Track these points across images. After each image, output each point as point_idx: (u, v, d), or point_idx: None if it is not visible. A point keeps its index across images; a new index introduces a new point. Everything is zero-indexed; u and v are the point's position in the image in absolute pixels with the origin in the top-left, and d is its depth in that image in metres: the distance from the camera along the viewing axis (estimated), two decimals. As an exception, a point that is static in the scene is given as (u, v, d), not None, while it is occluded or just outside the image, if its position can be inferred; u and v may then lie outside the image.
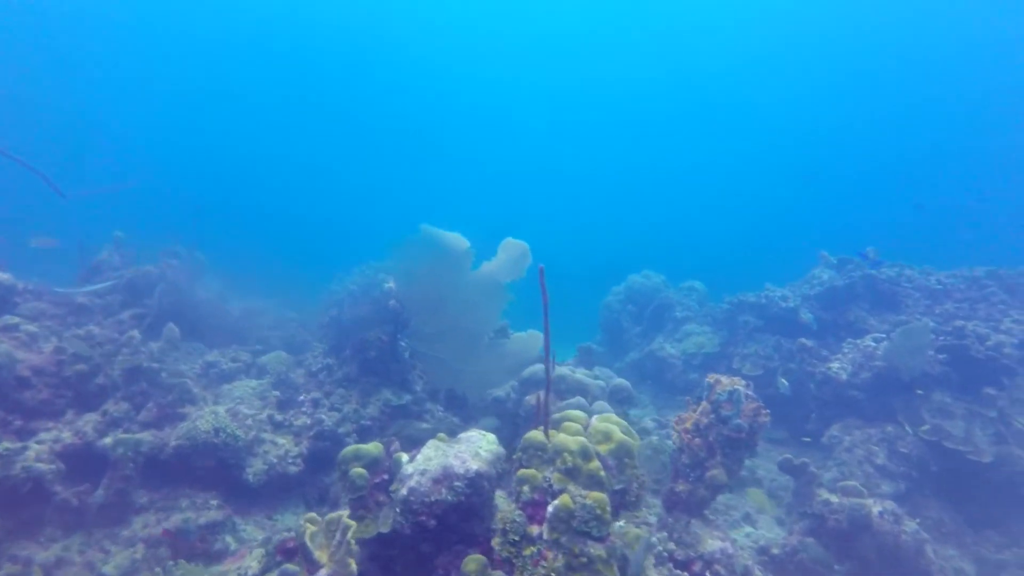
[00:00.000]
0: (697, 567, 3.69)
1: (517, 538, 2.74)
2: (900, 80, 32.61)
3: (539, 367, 5.45)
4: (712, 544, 3.74)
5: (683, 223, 40.43)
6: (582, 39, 36.80)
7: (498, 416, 5.40)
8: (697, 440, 3.97)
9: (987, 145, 33.43)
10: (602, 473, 2.79)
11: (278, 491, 4.87)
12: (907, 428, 5.86)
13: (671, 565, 3.65)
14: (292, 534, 3.64)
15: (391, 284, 5.81)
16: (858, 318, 8.57)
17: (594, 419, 3.17)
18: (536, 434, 2.95)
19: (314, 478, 5.06)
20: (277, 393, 5.33)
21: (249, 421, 4.75)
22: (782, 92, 36.79)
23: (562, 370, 5.39)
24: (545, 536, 2.69)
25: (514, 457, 3.04)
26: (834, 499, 4.58)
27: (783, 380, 6.69)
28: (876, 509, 4.39)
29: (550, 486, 2.78)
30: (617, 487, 2.87)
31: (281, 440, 4.87)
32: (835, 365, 6.57)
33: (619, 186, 43.95)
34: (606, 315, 11.79)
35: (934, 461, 5.74)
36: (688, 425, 4.07)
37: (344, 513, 2.81)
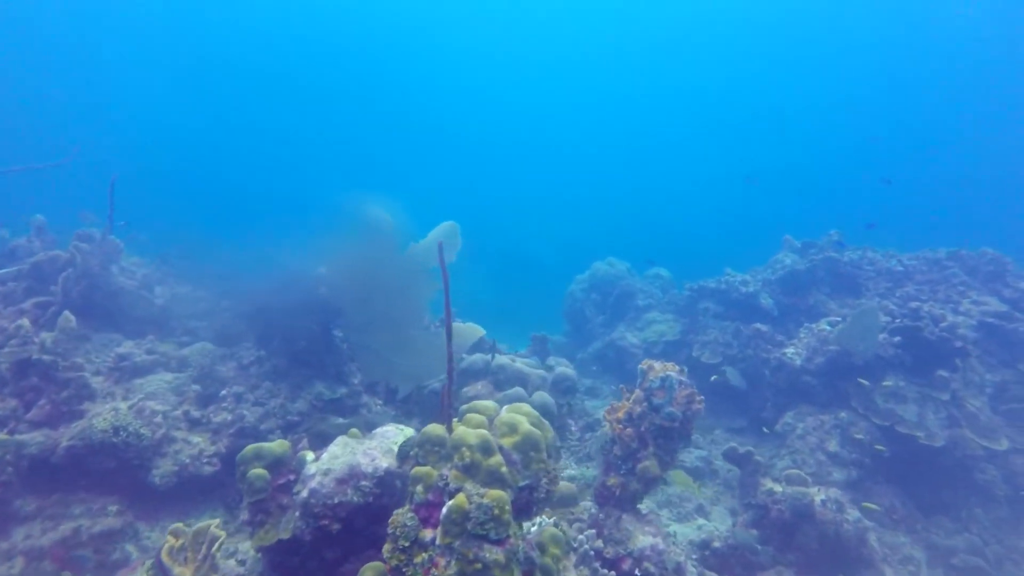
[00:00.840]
0: (626, 565, 3.47)
1: (407, 544, 2.46)
2: (866, 66, 32.91)
3: (477, 357, 5.17)
4: (643, 540, 3.52)
5: (660, 211, 40.46)
6: (551, 23, 36.43)
7: (433, 409, 5.10)
8: (628, 430, 3.73)
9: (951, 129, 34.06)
10: (504, 469, 2.52)
11: (194, 493, 4.52)
12: (860, 411, 5.73)
13: (598, 564, 3.43)
14: (182, 542, 3.30)
15: (323, 269, 5.45)
16: (819, 302, 8.47)
17: (503, 410, 2.90)
18: (435, 428, 2.66)
19: (235, 479, 4.71)
20: (197, 387, 4.95)
21: (159, 418, 4.37)
22: (754, 79, 36.88)
23: (502, 360, 5.12)
24: (438, 541, 2.42)
25: (411, 454, 2.75)
26: (778, 489, 4.40)
27: (729, 369, 6.52)
28: (819, 498, 4.23)
29: (446, 485, 2.50)
30: (523, 483, 2.60)
31: (196, 438, 4.50)
32: (790, 351, 6.42)
33: (597, 174, 43.77)
34: (570, 304, 11.55)
35: (887, 446, 5.63)
36: (620, 415, 3.83)
37: (213, 523, 2.49)
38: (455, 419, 2.85)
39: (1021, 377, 6.93)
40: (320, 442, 3.68)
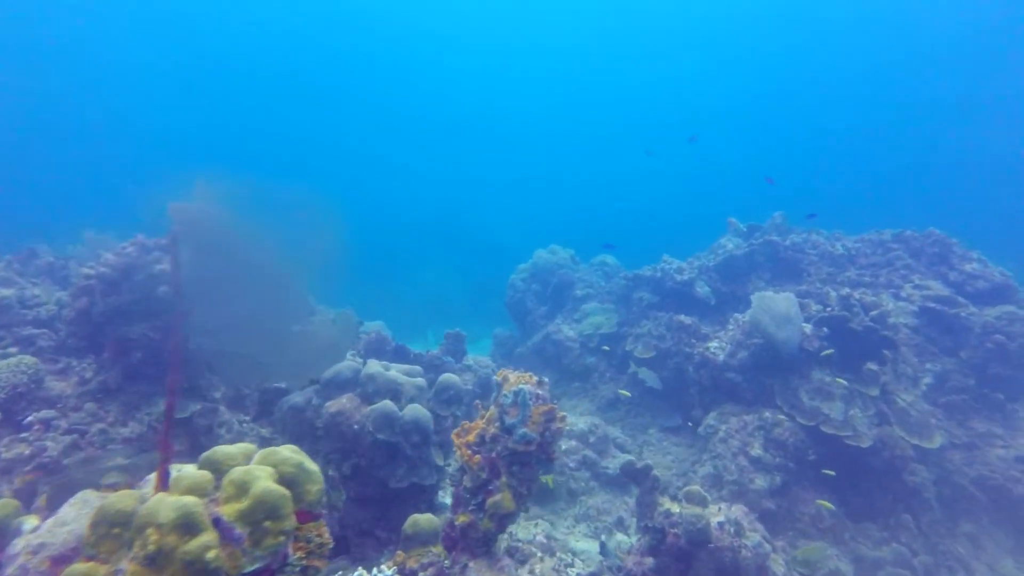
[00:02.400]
0: (466, 628, 2.81)
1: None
2: (829, 52, 32.78)
3: (346, 365, 4.42)
4: (488, 595, 2.86)
5: (631, 198, 40.01)
6: (522, 15, 35.60)
7: (297, 428, 4.36)
8: (477, 457, 3.05)
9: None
10: (212, 554, 1.78)
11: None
12: (785, 411, 5.19)
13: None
14: None
15: (164, 265, 4.63)
16: (758, 289, 7.93)
17: (256, 457, 2.17)
18: (120, 498, 1.91)
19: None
20: (-2, 414, 4.11)
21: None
22: (720, 69, 36.51)
23: (374, 367, 4.38)
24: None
25: (84, 539, 1.98)
26: (675, 509, 3.80)
27: (643, 369, 5.94)
28: (716, 520, 3.64)
29: (124, 582, 1.76)
30: (252, 568, 1.90)
31: (-28, 480, 3.68)
32: (713, 344, 5.84)
33: (569, 163, 43.07)
34: (511, 295, 10.86)
35: (812, 448, 5.12)
36: (471, 438, 3.15)
37: None
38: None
39: (962, 366, 6.52)
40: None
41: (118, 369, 4.48)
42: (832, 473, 4.88)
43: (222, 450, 2.17)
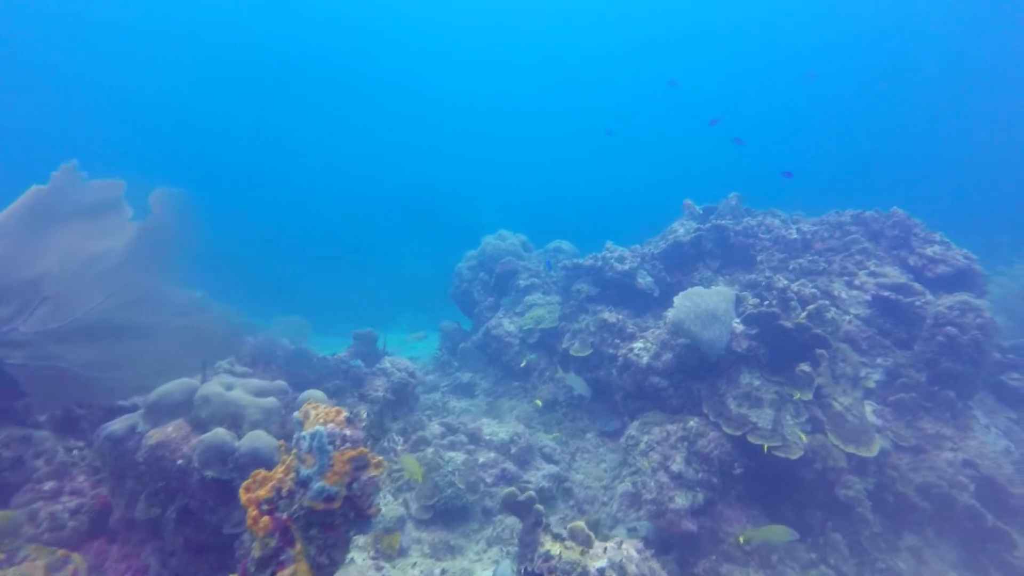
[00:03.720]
0: None
1: None
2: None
3: (177, 384, 3.75)
4: None
5: (621, 185, 39.26)
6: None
7: (118, 463, 3.70)
8: (265, 520, 2.43)
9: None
10: None
11: None
12: (711, 419, 4.63)
13: None
14: None
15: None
16: (705, 279, 7.36)
17: None
18: None
19: None
20: None
21: None
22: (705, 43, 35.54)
23: (212, 388, 3.72)
24: None
25: None
26: (556, 551, 3.23)
27: (570, 375, 5.36)
28: (596, 566, 3.07)
29: None
30: None
31: None
32: (638, 345, 5.24)
33: (555, 150, 42.10)
34: (457, 284, 10.18)
35: (739, 461, 4.57)
36: (264, 492, 2.51)
37: None
38: None
39: (916, 359, 5.99)
40: None
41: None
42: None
43: None
